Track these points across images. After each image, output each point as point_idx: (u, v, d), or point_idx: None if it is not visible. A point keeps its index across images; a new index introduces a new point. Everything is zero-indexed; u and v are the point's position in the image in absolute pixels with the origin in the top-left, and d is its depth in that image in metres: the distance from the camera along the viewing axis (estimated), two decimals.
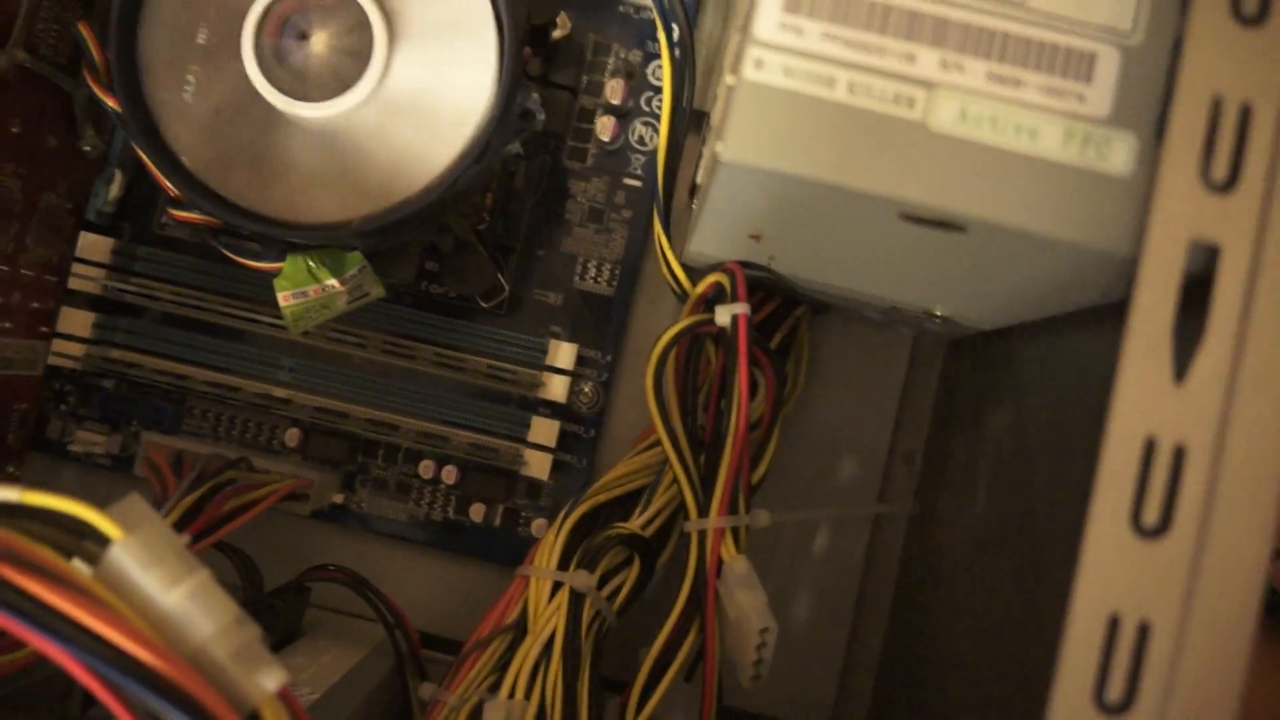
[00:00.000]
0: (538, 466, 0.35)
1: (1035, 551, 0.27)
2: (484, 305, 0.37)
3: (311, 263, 0.31)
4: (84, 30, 0.31)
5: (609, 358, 0.37)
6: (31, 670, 0.24)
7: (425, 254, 0.35)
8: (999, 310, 0.27)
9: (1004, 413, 0.31)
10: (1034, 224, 0.20)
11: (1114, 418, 0.17)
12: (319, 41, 0.30)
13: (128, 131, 0.30)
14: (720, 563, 0.30)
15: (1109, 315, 0.23)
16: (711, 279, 0.32)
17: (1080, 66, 0.20)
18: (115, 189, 0.36)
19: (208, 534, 0.30)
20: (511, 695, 0.29)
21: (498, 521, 0.37)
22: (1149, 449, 0.17)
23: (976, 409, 0.33)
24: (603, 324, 0.37)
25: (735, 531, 0.31)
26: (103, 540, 0.21)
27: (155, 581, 0.20)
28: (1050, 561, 0.26)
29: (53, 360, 0.35)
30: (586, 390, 0.37)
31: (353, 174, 0.30)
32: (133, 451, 0.36)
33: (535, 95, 0.32)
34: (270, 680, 0.21)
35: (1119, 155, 0.20)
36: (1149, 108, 0.20)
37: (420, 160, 0.30)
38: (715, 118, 0.24)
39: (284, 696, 0.22)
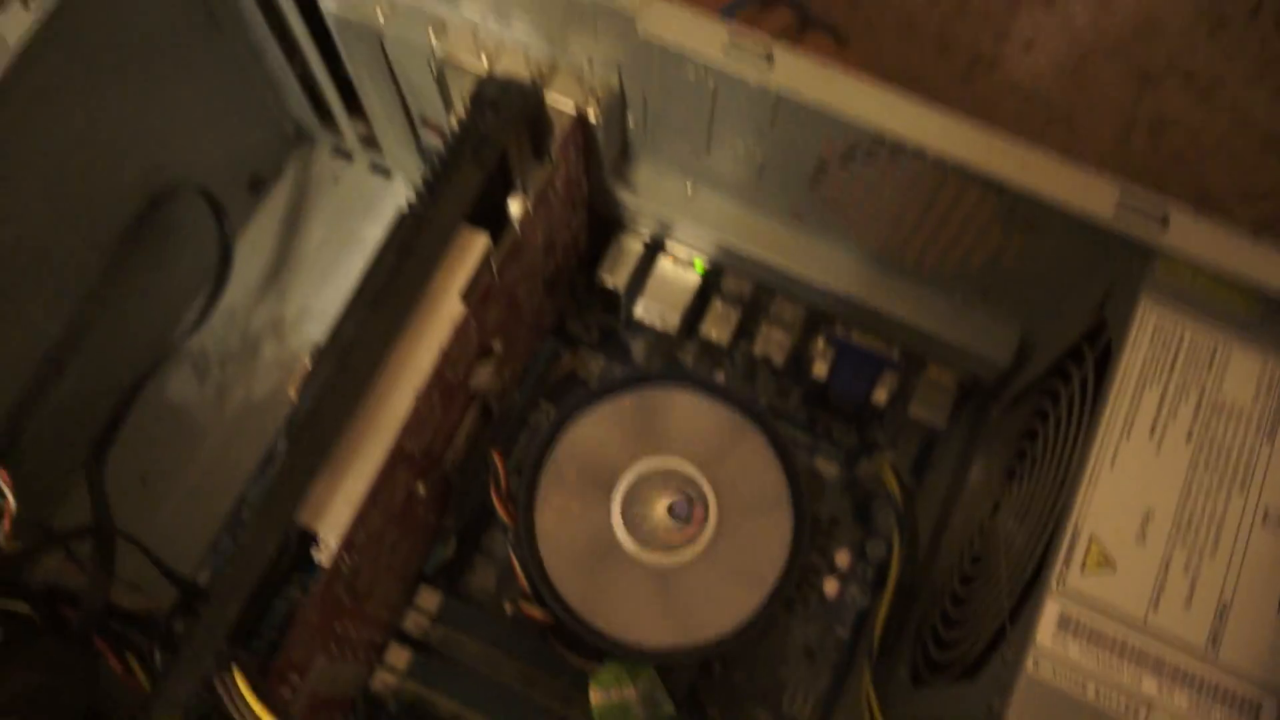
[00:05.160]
0: None
1: None
2: None
3: (621, 671, 0.40)
4: (495, 456, 0.42)
5: None
6: None
7: None
8: None
9: None
10: None
11: None
12: (662, 507, 0.41)
13: (516, 538, 0.41)
14: None
15: None
16: None
17: (1249, 711, 0.30)
18: (449, 551, 0.47)
19: None
20: None
21: None
22: None
23: None
24: None
25: None
26: None
27: None
28: None
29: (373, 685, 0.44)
30: None
31: (672, 610, 0.40)
32: None
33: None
34: None
35: None
36: None
37: (731, 606, 0.40)
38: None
39: None
